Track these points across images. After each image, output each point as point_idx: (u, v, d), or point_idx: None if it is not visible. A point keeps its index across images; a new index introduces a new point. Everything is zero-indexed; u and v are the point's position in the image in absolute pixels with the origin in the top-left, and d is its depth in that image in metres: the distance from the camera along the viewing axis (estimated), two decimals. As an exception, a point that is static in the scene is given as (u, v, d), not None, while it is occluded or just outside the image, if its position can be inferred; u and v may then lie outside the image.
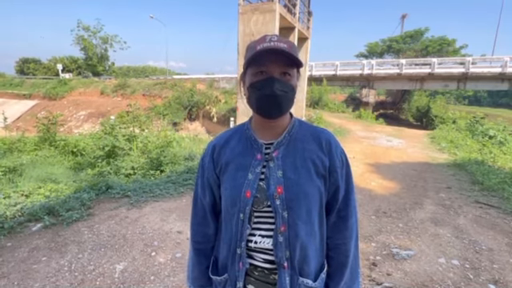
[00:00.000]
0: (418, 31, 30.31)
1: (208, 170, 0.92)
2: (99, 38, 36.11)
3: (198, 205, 0.97)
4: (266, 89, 0.77)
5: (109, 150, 6.46)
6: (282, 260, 0.81)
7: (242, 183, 0.83)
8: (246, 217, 0.82)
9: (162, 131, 8.69)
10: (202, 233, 0.97)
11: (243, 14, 9.58)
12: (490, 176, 5.66)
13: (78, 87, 26.38)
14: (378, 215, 3.79)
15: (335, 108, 20.50)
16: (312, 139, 0.86)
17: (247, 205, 0.81)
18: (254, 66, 0.79)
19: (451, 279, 2.43)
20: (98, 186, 4.19)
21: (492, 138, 11.58)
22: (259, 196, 0.82)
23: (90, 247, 2.74)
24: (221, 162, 0.88)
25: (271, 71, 0.77)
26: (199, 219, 0.97)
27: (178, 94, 19.90)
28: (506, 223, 3.59)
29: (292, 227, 0.80)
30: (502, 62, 17.43)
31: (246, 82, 0.84)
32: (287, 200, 0.79)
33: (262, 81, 0.78)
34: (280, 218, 0.80)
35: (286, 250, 0.80)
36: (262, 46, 0.76)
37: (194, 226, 0.98)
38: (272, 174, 0.82)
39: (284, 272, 0.81)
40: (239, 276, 0.85)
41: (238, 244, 0.84)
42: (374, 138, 11.33)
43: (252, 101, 0.82)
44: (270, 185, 0.81)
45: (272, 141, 0.85)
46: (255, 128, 0.89)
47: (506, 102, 38.09)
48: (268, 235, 0.83)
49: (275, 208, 0.80)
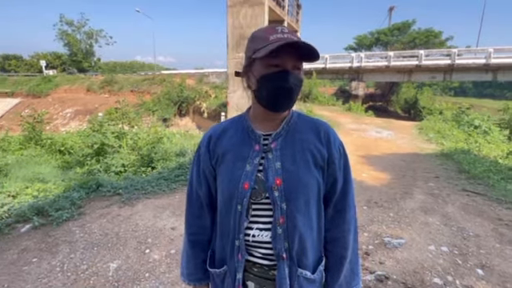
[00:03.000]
0: (405, 23, 30.59)
1: (204, 160, 0.90)
2: (84, 33, 35.10)
3: (194, 196, 0.94)
4: (281, 82, 0.76)
5: (98, 148, 6.34)
6: (280, 251, 0.81)
7: (239, 174, 0.82)
8: (244, 208, 0.81)
9: (152, 127, 8.57)
10: (198, 224, 0.95)
11: (232, 7, 9.45)
12: (475, 165, 5.84)
13: (63, 84, 25.67)
14: (369, 205, 3.86)
15: (325, 101, 20.62)
16: (310, 130, 0.86)
17: (245, 196, 0.81)
18: (266, 58, 0.73)
19: (441, 265, 2.51)
20: (88, 184, 4.11)
21: (477, 128, 11.91)
22: (257, 188, 0.81)
23: (83, 246, 2.70)
24: (217, 152, 0.87)
25: (285, 64, 0.75)
26: (195, 210, 0.95)
27: (168, 89, 19.59)
28: (492, 210, 3.71)
29: (291, 219, 0.80)
30: (486, 53, 17.81)
31: (254, 73, 0.78)
32: (286, 191, 0.79)
33: (277, 73, 0.75)
34: (279, 209, 0.79)
35: (285, 241, 0.80)
36: (275, 36, 0.73)
37: (190, 217, 0.96)
38: (270, 165, 0.81)
39: (283, 263, 0.82)
40: (238, 267, 0.85)
41: (237, 236, 0.84)
42: (364, 130, 11.48)
43: (263, 93, 0.78)
44: (268, 176, 0.80)
45: (270, 132, 0.85)
46: (254, 119, 0.87)
47: (490, 93, 39.09)
48: (266, 228, 0.83)
49: (274, 200, 0.80)
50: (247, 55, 0.80)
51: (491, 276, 2.37)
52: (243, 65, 0.83)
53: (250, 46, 0.79)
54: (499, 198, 4.05)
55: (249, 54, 0.79)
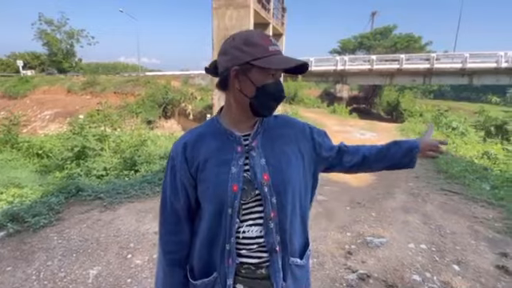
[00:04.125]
0: (386, 28, 31.57)
1: (181, 170, 0.86)
2: (64, 32, 34.01)
3: (168, 211, 0.89)
4: (280, 91, 0.82)
5: (78, 151, 6.15)
6: (273, 245, 0.83)
7: (226, 178, 0.81)
8: (235, 211, 0.81)
9: (135, 130, 8.40)
10: (176, 241, 0.91)
11: (217, 9, 9.44)
12: (453, 165, 6.07)
13: (42, 85, 24.73)
14: (352, 206, 3.94)
15: (311, 103, 20.94)
16: (285, 125, 0.92)
17: (236, 198, 0.81)
18: (268, 68, 0.77)
19: (419, 262, 2.59)
20: (67, 188, 3.97)
21: (455, 130, 12.43)
22: (246, 187, 0.82)
23: (60, 253, 2.60)
24: (197, 160, 0.84)
25: (278, 75, 0.82)
26: (171, 227, 0.90)
27: (152, 91, 19.29)
28: (468, 208, 3.87)
29: (281, 211, 0.83)
30: (462, 57, 18.63)
31: (252, 80, 0.78)
32: (274, 186, 0.82)
33: (275, 84, 0.81)
34: (269, 204, 0.82)
35: (277, 235, 0.83)
36: (273, 48, 0.78)
37: (166, 236, 0.91)
38: (256, 162, 0.83)
39: (276, 256, 0.84)
40: (229, 273, 0.84)
41: (228, 240, 0.83)
42: (349, 132, 11.72)
43: (261, 100, 0.80)
44: (256, 173, 0.82)
45: (247, 132, 0.86)
46: (229, 122, 0.87)
47: (467, 96, 40.81)
48: (255, 223, 0.84)
49: (264, 195, 0.82)
50: (241, 59, 0.77)
51: (466, 271, 2.47)
52: (232, 67, 0.78)
53: (247, 51, 0.77)
54: (474, 197, 4.23)
55: (246, 58, 0.76)
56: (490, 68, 18.20)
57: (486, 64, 18.28)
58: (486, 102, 35.12)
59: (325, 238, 3.01)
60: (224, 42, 0.82)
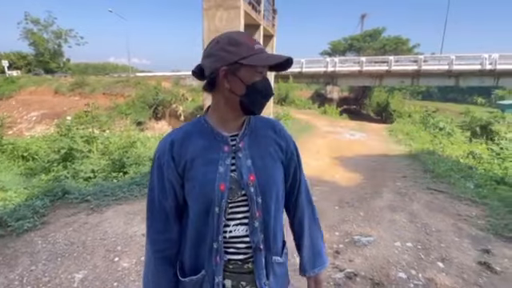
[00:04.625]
0: (376, 30, 32.14)
1: (168, 169, 0.85)
2: (51, 32, 33.34)
3: (157, 210, 0.89)
4: (269, 88, 0.84)
5: (65, 153, 6.02)
6: (258, 244, 0.86)
7: (213, 177, 0.82)
8: (222, 210, 0.82)
9: (124, 131, 8.30)
10: (165, 239, 0.90)
11: (207, 10, 9.41)
12: (439, 164, 6.21)
13: (29, 85, 24.16)
14: (341, 205, 3.99)
15: (302, 104, 21.04)
16: (268, 128, 0.94)
17: (223, 198, 0.82)
18: (256, 66, 0.79)
19: (405, 260, 2.64)
20: (52, 191, 3.89)
21: (442, 130, 12.71)
22: (233, 187, 0.83)
23: (45, 257, 2.55)
24: (184, 159, 0.84)
25: (265, 72, 0.84)
26: (160, 226, 0.89)
27: (143, 92, 19.08)
28: (452, 206, 3.96)
29: (266, 211, 0.86)
30: (448, 59, 19.11)
31: (241, 79, 0.80)
32: (260, 186, 0.85)
33: (264, 81, 0.83)
34: (255, 204, 0.84)
35: (261, 233, 0.86)
36: (258, 47, 0.80)
37: (154, 234, 0.91)
38: (242, 163, 0.85)
39: (260, 254, 0.87)
40: (217, 271, 0.85)
41: (215, 238, 0.84)
42: (339, 133, 11.85)
43: (252, 98, 0.81)
44: (242, 174, 0.84)
45: (234, 133, 0.87)
46: (217, 122, 0.87)
47: (454, 97, 41.85)
48: (241, 223, 0.86)
49: (250, 195, 0.84)
50: (229, 59, 0.78)
51: (450, 268, 2.53)
52: (220, 68, 0.79)
53: (234, 51, 0.78)
54: (459, 195, 4.34)
55: (234, 58, 0.77)
56: (474, 70, 18.71)
57: (471, 66, 18.79)
58: (472, 103, 36.14)
59: (313, 237, 3.04)
60: (208, 45, 0.84)
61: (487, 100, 39.28)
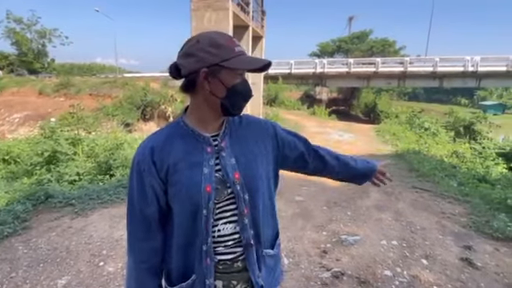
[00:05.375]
0: (363, 32, 32.71)
1: (149, 175, 0.82)
2: (35, 31, 32.37)
3: (138, 218, 0.86)
4: (248, 91, 0.85)
5: (49, 156, 5.84)
6: (248, 240, 0.87)
7: (199, 180, 0.81)
8: (210, 211, 0.82)
9: (111, 133, 8.14)
10: (148, 249, 0.87)
11: (196, 11, 9.36)
12: (424, 164, 6.36)
13: (11, 86, 23.34)
14: (329, 206, 4.02)
15: (291, 105, 21.16)
16: (249, 124, 0.94)
17: (210, 199, 0.81)
18: (235, 68, 0.80)
19: (391, 258, 2.69)
20: (35, 195, 3.77)
21: (427, 130, 13.03)
22: (219, 187, 0.83)
23: (26, 264, 2.47)
24: (166, 163, 0.82)
25: (245, 75, 0.84)
26: (142, 235, 0.87)
27: (130, 93, 18.71)
28: (436, 204, 4.07)
29: (254, 207, 0.87)
30: (433, 61, 19.63)
31: (222, 81, 0.79)
32: (246, 183, 0.85)
33: (244, 83, 0.83)
34: (242, 201, 0.85)
35: (251, 229, 0.87)
36: (238, 49, 0.80)
37: (137, 243, 0.88)
38: (227, 162, 0.85)
39: (252, 250, 0.88)
40: (208, 273, 0.84)
41: (204, 241, 0.83)
42: (328, 133, 11.97)
43: (232, 100, 0.82)
44: (228, 173, 0.84)
45: (215, 133, 0.87)
46: (196, 123, 0.86)
47: (439, 98, 43.03)
48: (230, 221, 0.86)
49: (237, 193, 0.84)
50: (209, 61, 0.77)
51: (434, 265, 2.59)
52: (200, 69, 0.78)
53: (215, 53, 0.77)
54: (443, 194, 4.46)
55: (215, 60, 0.77)
56: (458, 71, 19.29)
57: (455, 68, 19.37)
58: (456, 103, 37.29)
59: (301, 237, 3.06)
60: (186, 44, 0.82)
61: (470, 101, 40.55)
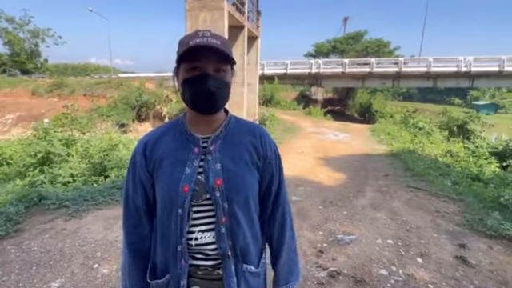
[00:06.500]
0: (358, 33, 32.88)
1: (140, 167, 0.88)
2: (27, 31, 31.96)
3: (131, 206, 0.91)
4: (201, 85, 0.78)
5: (42, 157, 5.76)
6: (225, 250, 0.83)
7: (179, 178, 0.82)
8: (186, 212, 0.81)
9: (106, 134, 8.07)
10: (137, 233, 0.92)
11: (191, 11, 9.32)
12: (419, 163, 6.42)
13: (3, 87, 23.04)
14: (325, 205, 4.03)
15: (287, 106, 21.18)
16: (247, 133, 0.90)
17: (186, 199, 0.81)
18: (187, 62, 0.78)
19: (386, 257, 2.70)
20: (27, 197, 3.72)
21: (421, 130, 13.13)
22: (198, 189, 0.82)
23: (18, 267, 2.43)
24: (154, 158, 0.86)
25: (205, 67, 0.78)
26: (133, 221, 0.92)
27: (125, 93, 18.57)
28: (431, 203, 4.10)
29: (233, 217, 0.83)
30: (427, 62, 19.80)
31: (179, 78, 0.82)
32: (227, 191, 0.82)
33: (196, 77, 0.78)
34: (221, 209, 0.82)
35: (229, 239, 0.83)
36: (194, 41, 0.76)
37: (129, 228, 0.93)
38: (211, 166, 0.83)
39: (229, 261, 0.84)
40: (182, 274, 0.84)
41: (179, 241, 0.83)
42: (323, 133, 12.01)
43: (186, 97, 0.82)
44: (209, 177, 0.82)
45: (208, 135, 0.87)
46: (190, 123, 0.88)
47: (432, 98, 43.48)
48: (208, 229, 0.84)
49: (215, 200, 0.82)
50: (176, 60, 0.82)
51: (429, 263, 2.61)
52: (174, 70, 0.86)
53: (177, 51, 0.80)
54: (437, 192, 4.50)
55: (176, 58, 0.81)
56: (451, 72, 19.49)
57: (448, 68, 19.57)
58: (449, 103, 37.68)
59: (298, 237, 3.04)
60: None
61: (463, 100, 41.03)
